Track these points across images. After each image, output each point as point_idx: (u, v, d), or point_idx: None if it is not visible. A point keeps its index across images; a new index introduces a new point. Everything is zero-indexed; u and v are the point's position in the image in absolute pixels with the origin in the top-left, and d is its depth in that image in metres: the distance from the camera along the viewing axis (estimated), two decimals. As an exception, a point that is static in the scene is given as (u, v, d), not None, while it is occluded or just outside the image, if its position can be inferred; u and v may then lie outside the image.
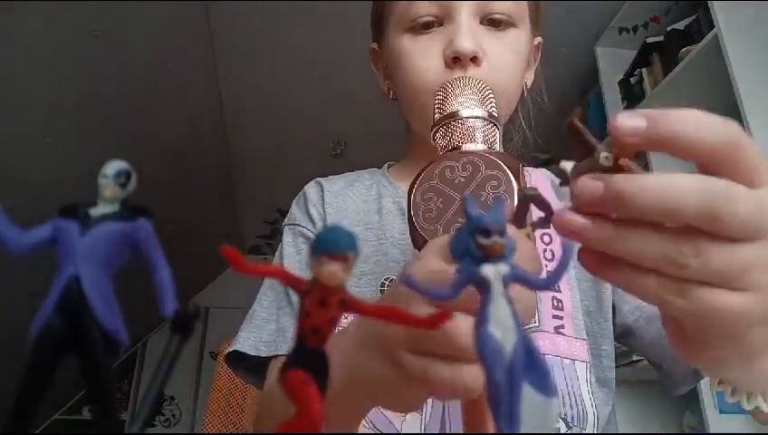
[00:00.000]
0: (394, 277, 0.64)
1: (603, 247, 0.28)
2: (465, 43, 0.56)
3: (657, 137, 0.27)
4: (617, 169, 0.27)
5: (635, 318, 0.66)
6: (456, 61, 0.56)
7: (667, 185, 0.26)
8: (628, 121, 0.26)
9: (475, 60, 0.56)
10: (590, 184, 0.27)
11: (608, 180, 0.26)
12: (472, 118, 0.50)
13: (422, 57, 0.60)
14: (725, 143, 0.27)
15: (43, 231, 0.21)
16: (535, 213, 0.54)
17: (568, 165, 0.29)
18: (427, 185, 0.48)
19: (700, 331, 0.30)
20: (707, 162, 0.28)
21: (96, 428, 0.19)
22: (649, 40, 2.20)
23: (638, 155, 0.30)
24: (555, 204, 0.72)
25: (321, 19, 2.42)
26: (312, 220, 0.70)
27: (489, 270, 0.22)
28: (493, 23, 0.60)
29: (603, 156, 0.27)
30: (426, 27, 0.60)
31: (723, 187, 0.26)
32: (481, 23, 0.60)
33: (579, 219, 0.28)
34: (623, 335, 0.67)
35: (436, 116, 0.52)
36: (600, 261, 0.29)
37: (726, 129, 0.27)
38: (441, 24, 0.60)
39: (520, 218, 0.32)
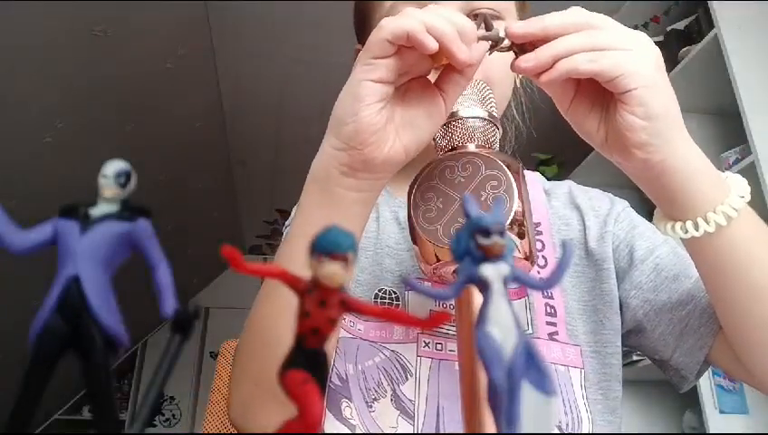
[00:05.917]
0: (388, 287, 0.63)
1: (548, 55, 0.43)
2: None
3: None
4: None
5: (644, 312, 0.64)
6: None
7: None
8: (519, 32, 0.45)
9: None
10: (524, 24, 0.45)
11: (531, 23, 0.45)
12: (472, 118, 0.50)
13: None
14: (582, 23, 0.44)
15: (43, 231, 0.21)
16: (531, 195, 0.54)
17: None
18: (426, 185, 0.48)
19: (616, 84, 0.43)
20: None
21: (96, 428, 0.19)
22: (649, 40, 2.19)
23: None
24: (543, 204, 0.72)
25: (322, 19, 2.42)
26: None
27: (489, 270, 0.22)
28: (478, 19, 0.59)
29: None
30: None
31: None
32: None
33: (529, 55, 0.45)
34: (633, 333, 0.66)
35: (437, 116, 0.52)
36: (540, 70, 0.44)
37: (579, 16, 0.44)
38: None
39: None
